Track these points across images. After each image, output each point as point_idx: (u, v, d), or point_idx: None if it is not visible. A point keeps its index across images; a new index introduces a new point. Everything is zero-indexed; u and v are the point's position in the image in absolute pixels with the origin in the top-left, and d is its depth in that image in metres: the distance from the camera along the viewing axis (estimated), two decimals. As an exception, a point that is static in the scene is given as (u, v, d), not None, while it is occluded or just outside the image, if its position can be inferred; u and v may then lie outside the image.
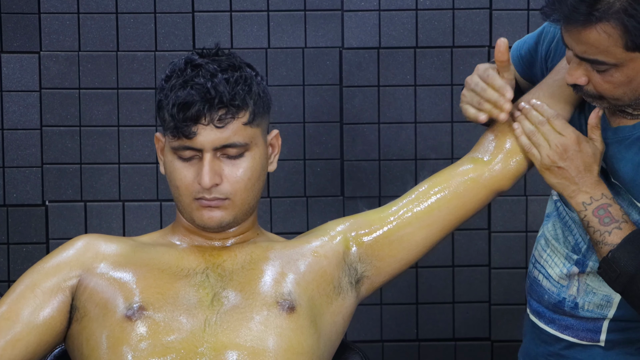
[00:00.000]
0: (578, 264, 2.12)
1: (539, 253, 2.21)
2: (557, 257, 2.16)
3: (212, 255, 1.96)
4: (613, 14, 1.82)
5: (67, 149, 3.20)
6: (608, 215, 2.00)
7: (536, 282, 2.20)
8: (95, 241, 1.96)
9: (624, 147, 2.01)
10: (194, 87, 1.89)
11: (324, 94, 3.23)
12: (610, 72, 1.90)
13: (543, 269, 2.18)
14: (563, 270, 2.14)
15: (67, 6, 3.18)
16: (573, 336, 2.14)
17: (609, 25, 1.83)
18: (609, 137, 2.03)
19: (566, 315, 2.14)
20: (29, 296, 1.89)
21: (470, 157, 2.09)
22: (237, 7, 3.21)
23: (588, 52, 1.88)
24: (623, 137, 2.02)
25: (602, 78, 1.91)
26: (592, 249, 2.08)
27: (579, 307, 2.12)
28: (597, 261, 2.08)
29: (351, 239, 2.02)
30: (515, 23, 3.20)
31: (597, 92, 1.94)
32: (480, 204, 2.06)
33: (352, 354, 2.07)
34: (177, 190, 1.94)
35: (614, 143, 2.03)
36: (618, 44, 1.85)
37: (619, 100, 1.95)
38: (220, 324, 1.85)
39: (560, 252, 2.15)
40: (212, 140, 1.89)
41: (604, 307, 2.10)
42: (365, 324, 3.27)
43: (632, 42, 1.84)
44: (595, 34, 1.85)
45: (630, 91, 1.92)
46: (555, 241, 2.16)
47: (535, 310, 2.21)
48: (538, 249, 2.22)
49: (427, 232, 2.03)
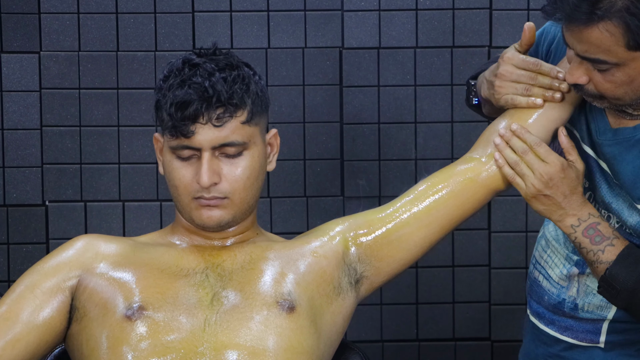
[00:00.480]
0: (578, 265, 2.11)
1: (539, 254, 2.21)
2: (557, 258, 2.16)
3: (211, 255, 1.96)
4: (615, 13, 1.81)
5: (67, 149, 3.20)
6: (598, 233, 2.00)
7: (536, 283, 2.20)
8: (95, 241, 1.96)
9: (624, 148, 2.01)
10: (192, 86, 1.89)
11: (324, 94, 3.23)
12: (612, 71, 1.89)
13: (543, 269, 2.18)
14: (563, 271, 2.14)
15: (67, 6, 3.18)
16: (573, 337, 2.14)
17: (611, 24, 1.82)
18: (610, 139, 2.03)
19: (566, 316, 2.14)
20: (28, 296, 1.89)
21: (468, 157, 2.09)
22: (237, 7, 3.21)
23: (589, 51, 1.88)
24: (623, 139, 2.01)
25: (604, 77, 1.91)
26: None
27: (579, 308, 2.12)
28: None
29: (350, 239, 2.02)
30: (515, 23, 3.20)
31: (598, 91, 1.94)
32: (478, 204, 2.06)
33: (352, 354, 2.07)
34: (176, 190, 1.95)
35: (615, 144, 2.02)
36: (620, 43, 1.84)
37: (620, 100, 1.94)
38: (220, 323, 1.85)
39: (561, 253, 2.15)
40: (211, 139, 1.89)
41: (604, 308, 2.09)
42: (365, 324, 3.27)
43: (634, 41, 1.83)
44: (597, 32, 1.84)
45: (631, 91, 1.92)
46: (555, 242, 2.16)
47: (536, 312, 2.21)
48: (538, 249, 2.22)
49: (426, 232, 2.03)
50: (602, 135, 2.03)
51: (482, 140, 2.09)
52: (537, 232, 3.26)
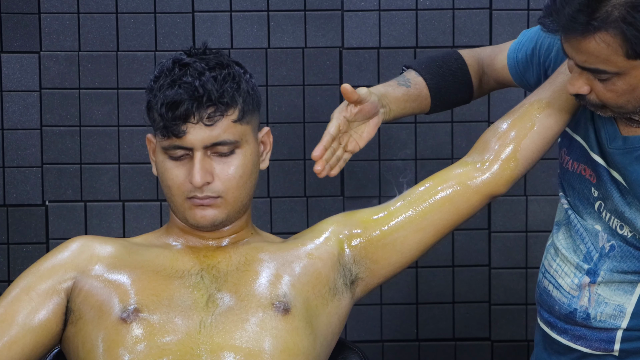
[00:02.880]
0: (589, 273, 2.10)
1: (548, 262, 2.19)
2: (567, 267, 2.13)
3: (206, 257, 1.96)
4: (611, 23, 1.80)
5: (67, 149, 3.20)
6: None
7: (546, 292, 2.17)
8: (90, 243, 1.96)
9: (634, 158, 2.00)
10: (182, 86, 1.89)
11: (324, 94, 3.22)
12: (613, 80, 1.88)
13: (553, 278, 2.16)
14: (574, 280, 2.11)
15: (67, 6, 3.18)
16: (586, 346, 2.11)
17: (607, 34, 1.81)
18: (620, 146, 2.01)
19: (578, 325, 2.11)
20: (24, 299, 1.89)
21: (464, 161, 2.08)
22: (237, 7, 3.20)
23: (589, 62, 1.87)
24: (632, 148, 2.00)
25: (605, 87, 1.89)
26: (604, 257, 2.07)
27: (592, 318, 2.09)
28: (608, 271, 2.07)
29: (345, 241, 2.02)
30: (515, 23, 3.19)
31: (600, 100, 1.92)
32: (473, 209, 2.06)
33: (351, 354, 2.08)
34: (169, 190, 1.95)
35: (625, 153, 2.01)
36: (618, 53, 1.83)
37: (622, 108, 1.93)
38: (216, 325, 1.86)
39: (571, 262, 2.12)
40: (202, 139, 1.90)
41: (617, 317, 2.07)
42: (365, 324, 3.27)
43: (632, 50, 1.82)
44: (595, 43, 1.83)
45: (633, 99, 1.91)
46: (565, 251, 2.14)
47: (547, 321, 2.18)
48: (547, 258, 2.19)
49: (421, 236, 2.03)
50: (613, 142, 2.02)
51: (478, 145, 2.09)
52: (537, 232, 3.26)
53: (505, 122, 2.07)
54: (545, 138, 2.05)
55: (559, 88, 2.05)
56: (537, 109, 2.06)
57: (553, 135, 2.06)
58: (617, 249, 2.06)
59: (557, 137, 2.09)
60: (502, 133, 2.06)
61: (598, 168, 2.05)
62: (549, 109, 2.05)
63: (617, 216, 2.05)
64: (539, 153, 2.07)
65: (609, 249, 2.08)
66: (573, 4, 1.81)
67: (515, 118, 2.06)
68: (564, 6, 1.82)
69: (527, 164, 2.06)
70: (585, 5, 1.81)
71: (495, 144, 2.06)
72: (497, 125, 2.08)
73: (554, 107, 2.05)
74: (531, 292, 3.25)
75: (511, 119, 2.07)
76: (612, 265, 2.07)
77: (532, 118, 2.05)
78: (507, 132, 2.06)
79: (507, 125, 2.06)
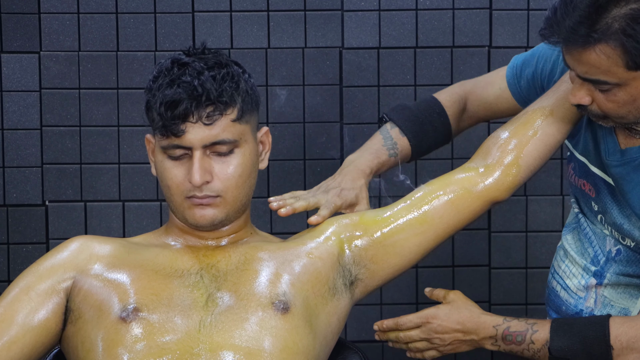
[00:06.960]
0: (596, 275, 2.10)
1: (557, 263, 2.20)
2: (575, 268, 2.14)
3: (205, 256, 1.96)
4: (612, 35, 1.81)
5: (67, 149, 3.20)
6: (516, 334, 2.02)
7: (554, 293, 2.18)
8: (89, 242, 1.97)
9: (631, 168, 2.00)
10: (181, 85, 1.89)
11: (324, 94, 3.22)
12: (614, 91, 1.88)
13: (561, 279, 2.17)
14: (581, 281, 2.12)
15: (67, 6, 3.18)
16: None
17: (608, 46, 1.82)
18: (618, 159, 2.02)
19: None
20: (23, 299, 1.90)
21: (466, 167, 2.09)
22: (237, 7, 3.20)
23: (590, 73, 1.87)
24: (630, 159, 2.01)
25: (606, 97, 1.90)
26: (610, 261, 2.08)
27: None
28: (614, 273, 2.07)
29: (346, 242, 2.02)
30: (515, 23, 3.19)
31: (601, 111, 1.93)
32: (474, 214, 2.07)
33: (351, 354, 2.08)
34: (168, 189, 1.95)
35: (623, 165, 2.02)
36: (619, 64, 1.84)
37: (624, 119, 1.94)
38: (215, 324, 1.86)
39: (579, 264, 2.13)
40: (201, 138, 1.90)
41: None
42: (365, 324, 3.27)
43: (632, 61, 1.83)
44: (595, 55, 1.84)
45: (634, 109, 1.91)
46: (573, 252, 2.15)
47: None
48: (557, 259, 2.21)
49: (421, 240, 2.04)
50: (611, 156, 2.02)
51: (481, 151, 2.10)
52: (537, 232, 3.26)
53: (508, 129, 2.08)
54: (548, 145, 2.06)
55: (562, 96, 2.06)
56: (540, 117, 2.06)
57: (555, 143, 2.07)
58: (623, 253, 2.07)
59: (560, 145, 2.10)
60: (504, 140, 2.07)
61: (597, 182, 2.07)
62: (552, 117, 2.06)
63: (616, 229, 2.06)
64: (541, 160, 2.08)
65: (616, 252, 2.09)
66: (574, 16, 1.82)
67: (518, 125, 2.07)
68: (565, 18, 1.83)
69: (529, 171, 2.07)
70: (586, 18, 1.81)
71: (498, 150, 2.07)
72: (500, 132, 2.09)
73: (557, 115, 2.05)
74: (531, 292, 3.24)
75: (514, 126, 2.08)
76: (618, 269, 2.08)
77: (534, 125, 2.06)
78: (509, 139, 2.07)
79: (509, 132, 2.07)
